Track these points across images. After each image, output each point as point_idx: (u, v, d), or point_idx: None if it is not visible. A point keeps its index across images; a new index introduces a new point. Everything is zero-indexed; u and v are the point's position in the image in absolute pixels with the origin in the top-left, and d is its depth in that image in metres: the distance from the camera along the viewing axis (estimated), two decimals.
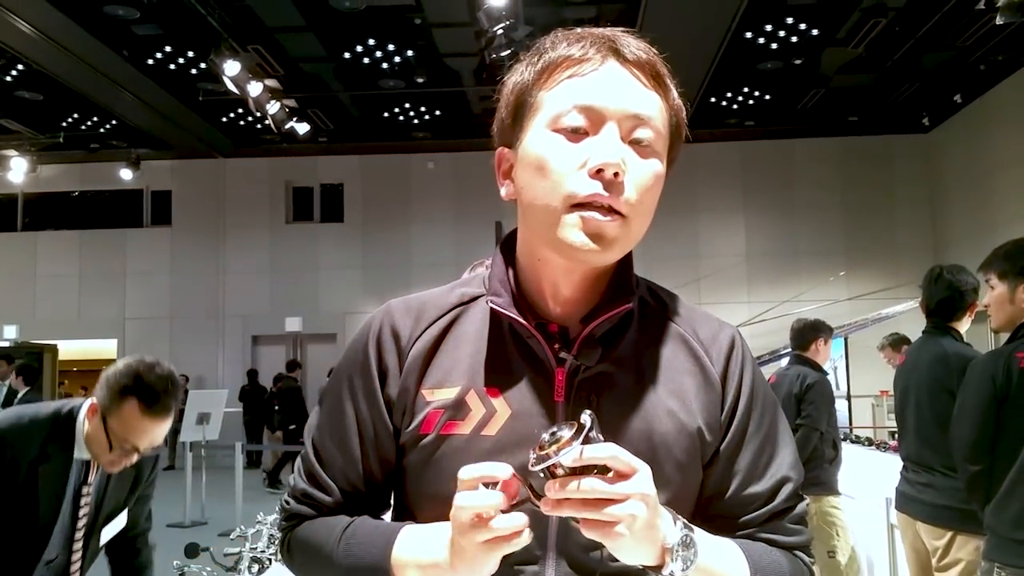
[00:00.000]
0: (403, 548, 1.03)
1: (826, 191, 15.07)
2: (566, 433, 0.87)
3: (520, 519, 0.90)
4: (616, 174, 0.98)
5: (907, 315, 11.33)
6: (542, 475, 0.89)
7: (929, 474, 3.57)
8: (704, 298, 14.06)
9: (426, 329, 1.13)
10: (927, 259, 14.67)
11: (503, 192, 1.12)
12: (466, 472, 0.92)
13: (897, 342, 7.18)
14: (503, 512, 0.90)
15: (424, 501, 1.09)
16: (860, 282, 13.58)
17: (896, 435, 3.84)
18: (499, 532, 0.90)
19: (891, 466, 5.46)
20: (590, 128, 1.01)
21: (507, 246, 1.16)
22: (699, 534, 0.99)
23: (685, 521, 0.97)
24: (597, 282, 1.10)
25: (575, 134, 1.01)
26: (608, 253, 1.02)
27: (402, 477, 1.13)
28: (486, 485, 0.92)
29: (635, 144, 1.02)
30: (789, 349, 5.60)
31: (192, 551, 2.67)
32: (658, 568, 0.95)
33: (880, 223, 14.91)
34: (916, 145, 14.86)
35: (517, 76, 1.09)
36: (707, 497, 1.12)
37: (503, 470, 0.91)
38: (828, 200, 15.05)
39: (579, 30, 1.07)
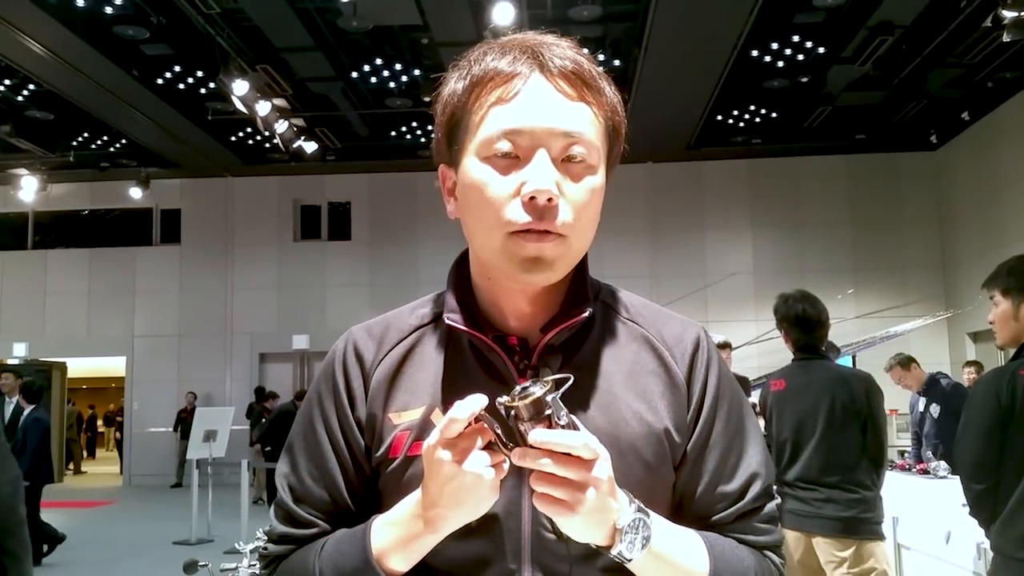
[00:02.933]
0: (379, 538, 1.02)
1: (833, 209, 15.05)
2: (536, 390, 0.90)
3: (489, 459, 0.93)
4: (550, 199, 0.99)
5: (915, 333, 11.33)
6: (511, 425, 0.92)
7: (829, 490, 3.71)
8: (711, 315, 14.03)
9: (388, 352, 1.14)
10: (936, 277, 14.65)
11: (448, 209, 1.13)
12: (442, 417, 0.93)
13: (905, 362, 7.13)
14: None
15: None
16: (868, 300, 13.54)
17: (777, 458, 3.92)
18: (475, 468, 0.91)
19: (898, 484, 5.43)
20: (521, 153, 1.01)
21: (461, 264, 1.17)
22: (655, 519, 0.99)
23: (641, 505, 0.98)
24: (553, 293, 1.10)
25: (507, 159, 1.02)
26: (551, 273, 1.03)
27: (378, 502, 1.12)
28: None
29: (568, 162, 1.02)
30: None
31: (191, 567, 2.63)
32: (607, 548, 0.95)
33: (888, 241, 14.87)
34: (924, 163, 14.83)
35: (448, 93, 1.08)
36: (678, 498, 1.12)
37: (479, 401, 0.92)
38: (835, 218, 15.02)
39: (505, 39, 1.07)
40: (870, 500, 3.72)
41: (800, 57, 11.16)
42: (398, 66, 11.57)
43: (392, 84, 12.07)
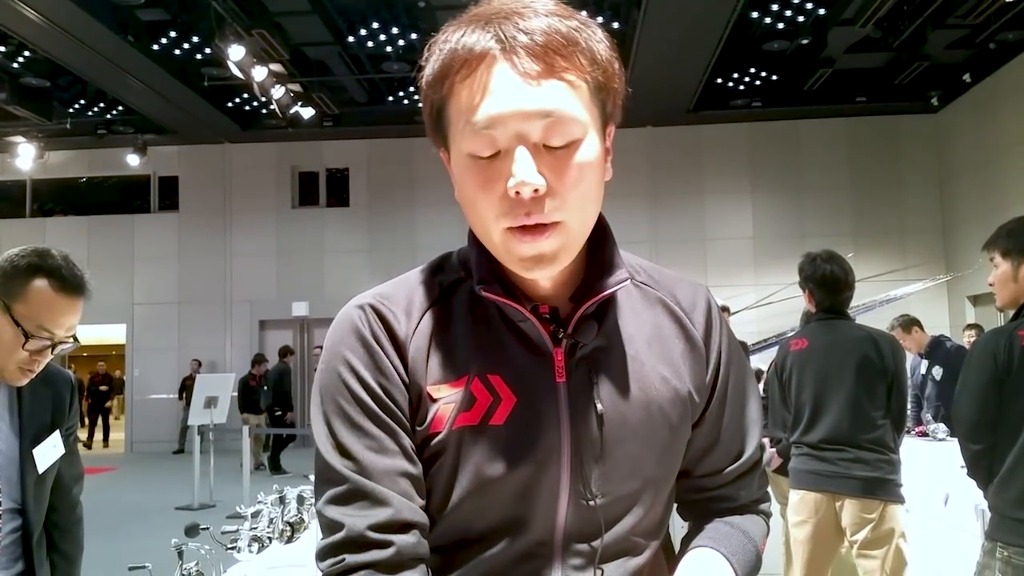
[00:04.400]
0: None
1: (834, 172, 14.99)
2: None
3: None
4: (536, 190, 0.95)
5: (915, 296, 11.33)
6: None
7: (857, 450, 3.65)
8: (711, 280, 14.02)
9: (419, 323, 1.07)
10: (936, 240, 14.63)
11: (456, 194, 1.07)
12: None
13: (908, 323, 7.12)
14: None
15: (440, 500, 1.05)
16: (868, 264, 13.50)
17: (796, 419, 3.86)
18: None
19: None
20: (501, 148, 0.97)
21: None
22: None
23: None
24: (574, 264, 1.07)
25: (489, 156, 0.98)
26: (554, 266, 1.00)
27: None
28: None
29: (551, 145, 0.97)
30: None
31: (192, 530, 2.64)
32: None
33: (888, 204, 14.83)
34: (925, 125, 14.76)
35: (426, 77, 1.03)
36: (691, 454, 1.16)
37: None
38: (836, 181, 14.98)
39: (473, 11, 1.01)
40: (895, 462, 3.69)
41: (800, 19, 11.07)
42: (395, 30, 11.47)
43: (389, 49, 11.98)
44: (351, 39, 11.66)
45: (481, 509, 1.04)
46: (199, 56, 12.11)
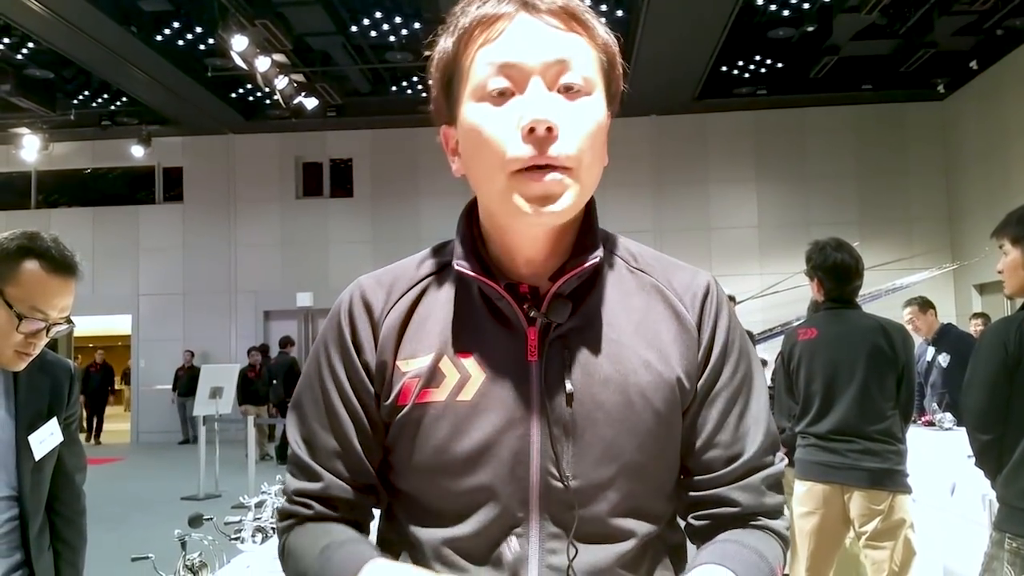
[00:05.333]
0: None
1: (839, 160, 14.92)
2: None
3: None
4: (549, 128, 0.97)
5: (921, 285, 11.29)
6: None
7: (867, 441, 3.62)
8: (716, 270, 13.99)
9: (398, 300, 1.12)
10: (942, 229, 14.57)
11: (453, 168, 1.11)
12: None
13: (924, 304, 7.02)
14: None
15: (408, 473, 1.09)
16: (874, 252, 13.46)
17: (803, 409, 3.82)
18: None
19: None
20: (515, 87, 1.00)
21: (470, 213, 1.15)
22: None
23: None
24: (562, 239, 1.09)
25: (502, 97, 1.00)
26: (560, 211, 1.01)
27: (387, 454, 1.12)
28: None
29: (566, 91, 1.01)
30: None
31: (195, 521, 2.63)
32: None
33: (894, 192, 14.76)
34: (931, 113, 14.68)
35: (439, 51, 1.08)
36: (684, 447, 1.11)
37: None
38: (841, 170, 14.91)
39: None
40: (903, 452, 3.67)
41: (805, 6, 11.01)
42: (398, 20, 11.43)
43: (392, 38, 11.94)
44: (354, 29, 11.63)
45: (447, 483, 1.04)
46: (202, 47, 12.08)
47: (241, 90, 14.21)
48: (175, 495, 9.49)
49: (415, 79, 13.71)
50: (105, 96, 14.36)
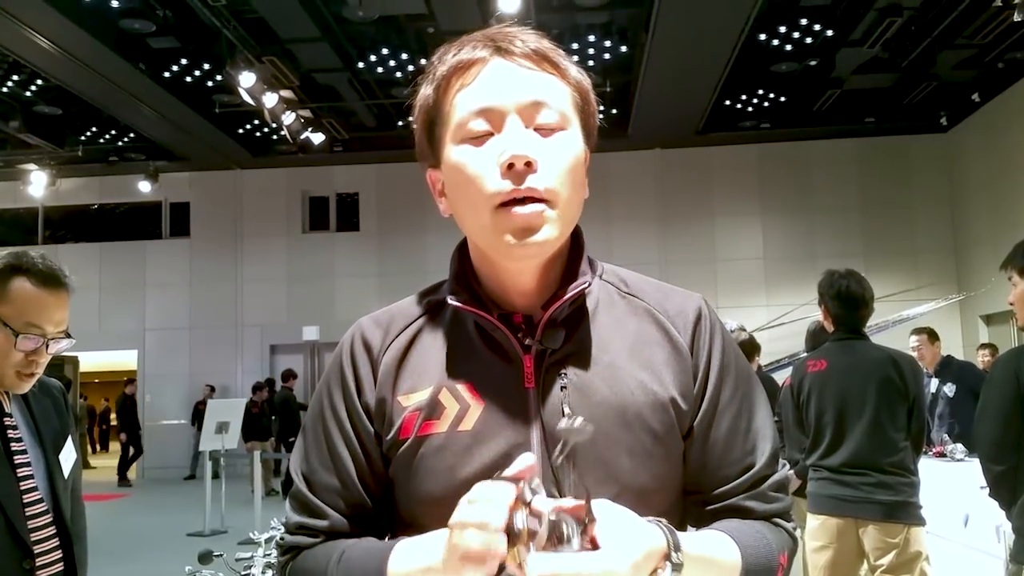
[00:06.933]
0: (397, 562, 1.02)
1: (843, 193, 14.96)
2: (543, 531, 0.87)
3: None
4: (528, 163, 1.01)
5: (927, 316, 11.26)
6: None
7: (880, 474, 3.59)
8: (722, 301, 13.98)
9: (396, 338, 1.16)
10: (948, 260, 14.56)
11: (441, 208, 1.16)
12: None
13: (933, 333, 7.00)
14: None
15: (415, 505, 1.11)
16: (879, 284, 13.30)
17: (814, 441, 3.79)
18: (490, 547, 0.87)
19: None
20: (494, 128, 1.05)
21: (462, 249, 1.19)
22: (681, 537, 0.97)
23: (667, 527, 0.96)
24: (551, 270, 1.13)
25: (481, 139, 1.05)
26: (543, 241, 1.05)
27: (391, 487, 1.15)
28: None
29: (541, 129, 1.05)
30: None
31: (205, 557, 2.63)
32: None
33: (899, 224, 14.78)
34: (934, 145, 14.73)
35: (420, 99, 1.13)
36: (693, 468, 1.14)
37: (527, 459, 0.92)
38: (846, 202, 14.94)
39: (466, 36, 1.11)
40: (916, 484, 3.64)
41: (808, 40, 11.08)
42: (404, 56, 11.54)
43: (399, 74, 12.04)
44: (361, 65, 11.73)
45: (452, 512, 1.02)
46: (210, 83, 12.19)
47: (248, 126, 14.31)
48: (181, 531, 9.43)
49: None
50: (113, 132, 14.46)
